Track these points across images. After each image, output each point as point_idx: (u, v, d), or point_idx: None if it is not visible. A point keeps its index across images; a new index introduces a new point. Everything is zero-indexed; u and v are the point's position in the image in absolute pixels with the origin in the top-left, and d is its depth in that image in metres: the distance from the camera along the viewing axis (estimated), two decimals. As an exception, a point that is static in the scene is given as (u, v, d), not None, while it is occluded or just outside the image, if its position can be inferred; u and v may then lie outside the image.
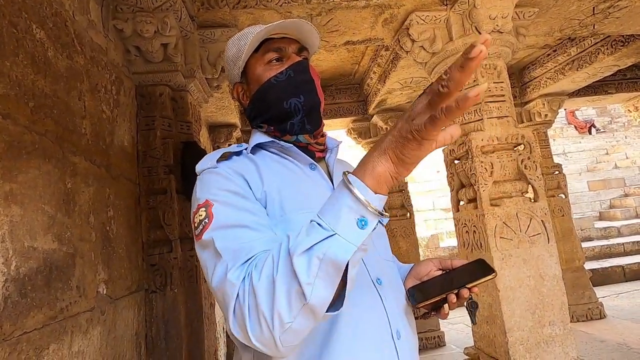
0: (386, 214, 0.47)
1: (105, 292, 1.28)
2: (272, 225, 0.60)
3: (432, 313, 0.66)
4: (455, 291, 0.59)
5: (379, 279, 0.65)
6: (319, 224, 0.47)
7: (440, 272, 0.69)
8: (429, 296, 0.62)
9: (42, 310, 0.94)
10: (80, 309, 1.12)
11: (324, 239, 0.46)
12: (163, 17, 1.64)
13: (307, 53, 0.77)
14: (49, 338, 0.96)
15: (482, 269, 0.60)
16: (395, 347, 0.62)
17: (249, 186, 0.63)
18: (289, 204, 0.64)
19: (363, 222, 0.46)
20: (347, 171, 0.48)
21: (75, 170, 1.17)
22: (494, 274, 0.59)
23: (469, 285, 0.59)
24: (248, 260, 0.53)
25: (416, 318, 0.72)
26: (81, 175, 1.20)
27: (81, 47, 1.30)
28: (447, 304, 0.62)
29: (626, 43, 3.13)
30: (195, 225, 0.61)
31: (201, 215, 0.60)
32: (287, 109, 0.71)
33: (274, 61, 0.73)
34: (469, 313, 0.62)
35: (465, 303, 0.62)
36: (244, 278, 0.51)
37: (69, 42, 1.22)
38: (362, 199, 0.45)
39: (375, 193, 0.46)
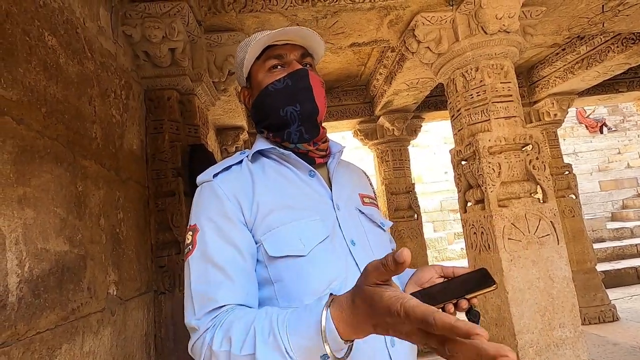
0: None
1: (115, 293, 1.31)
2: (261, 240, 0.63)
3: None
4: (454, 301, 0.59)
5: None
6: (287, 352, 0.49)
7: (441, 280, 0.68)
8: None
9: (55, 311, 0.96)
10: (91, 310, 1.14)
11: None
12: (171, 22, 1.66)
13: (312, 60, 0.77)
14: (61, 338, 0.98)
15: (483, 279, 0.59)
16: (389, 354, 0.62)
17: (240, 205, 0.65)
18: (279, 217, 0.65)
19: (326, 358, 0.49)
20: (330, 314, 0.49)
21: (86, 174, 1.19)
22: (494, 285, 0.58)
23: (468, 296, 0.58)
24: (212, 310, 0.58)
25: None
26: (92, 179, 1.23)
27: (91, 53, 1.33)
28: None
29: (637, 40, 3.08)
30: (185, 245, 0.66)
31: (188, 239, 0.65)
32: (283, 117, 0.71)
33: (275, 68, 0.73)
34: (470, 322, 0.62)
35: (465, 313, 0.61)
36: (206, 330, 0.57)
37: (80, 48, 1.25)
38: (334, 354, 0.48)
39: (346, 342, 0.49)
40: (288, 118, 0.71)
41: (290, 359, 0.49)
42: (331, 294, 0.51)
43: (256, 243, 0.64)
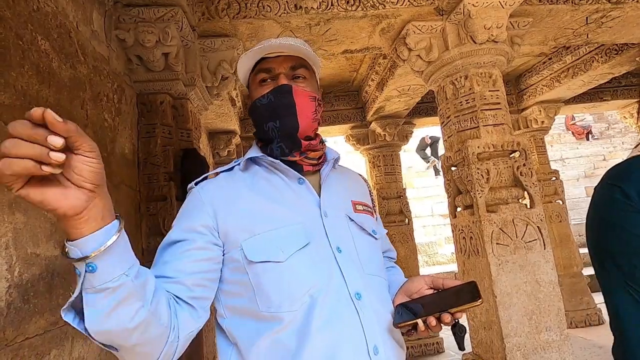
0: (85, 259, 0.46)
1: (105, 298, 1.30)
2: (242, 245, 0.65)
3: (413, 331, 0.65)
4: (437, 315, 0.59)
5: (358, 294, 0.65)
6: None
7: (430, 291, 0.68)
8: (409, 317, 0.62)
9: (44, 316, 0.95)
10: (81, 315, 1.13)
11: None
12: (164, 27, 1.67)
13: (307, 70, 0.77)
14: (50, 344, 0.97)
15: (471, 293, 0.59)
16: None
17: (214, 212, 0.68)
18: (261, 224, 0.66)
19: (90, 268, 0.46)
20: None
21: (78, 178, 1.19)
22: (479, 300, 0.58)
23: (452, 310, 0.59)
24: None
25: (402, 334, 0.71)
26: (83, 183, 1.22)
27: (84, 57, 1.33)
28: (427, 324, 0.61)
29: (620, 51, 3.18)
30: None
31: None
32: (266, 132, 0.74)
33: (265, 81, 0.75)
34: (455, 338, 0.60)
35: (451, 327, 0.61)
36: None
37: (73, 52, 1.25)
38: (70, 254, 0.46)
39: (69, 240, 0.45)
40: (270, 133, 0.74)
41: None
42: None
43: (237, 248, 0.66)
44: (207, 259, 0.65)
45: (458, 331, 0.60)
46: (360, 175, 0.91)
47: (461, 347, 0.61)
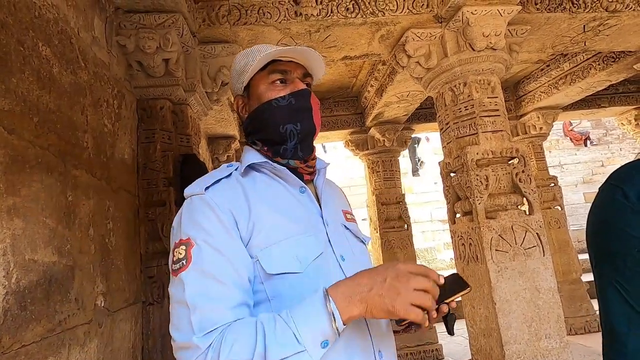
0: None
1: (103, 304, 1.29)
2: (257, 256, 0.63)
3: (413, 327, 0.66)
4: (436, 306, 0.62)
5: None
6: (295, 335, 0.54)
7: None
8: None
9: (41, 323, 0.95)
10: (78, 322, 1.12)
11: (295, 353, 0.54)
12: (165, 33, 1.68)
13: (311, 79, 0.78)
14: (47, 351, 0.96)
15: (458, 283, 0.64)
16: None
17: (234, 219, 0.64)
18: (275, 234, 0.65)
19: (326, 344, 0.55)
20: (330, 296, 0.56)
21: (77, 184, 1.19)
22: (469, 288, 0.63)
23: (447, 300, 0.62)
24: (214, 330, 0.56)
25: (397, 332, 0.73)
26: (82, 188, 1.22)
27: (85, 63, 1.33)
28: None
29: (617, 59, 3.20)
30: (174, 261, 0.62)
31: (180, 254, 0.61)
32: (282, 133, 0.72)
33: (278, 82, 0.73)
34: (446, 325, 0.64)
35: (442, 317, 0.64)
36: (209, 346, 0.55)
37: (74, 58, 1.26)
38: (336, 331, 0.55)
39: (344, 324, 0.56)
40: (287, 135, 0.72)
41: (302, 346, 0.53)
42: (326, 294, 0.56)
43: (252, 258, 0.63)
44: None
45: (450, 319, 0.65)
46: (335, 184, 0.92)
47: (451, 332, 0.65)
